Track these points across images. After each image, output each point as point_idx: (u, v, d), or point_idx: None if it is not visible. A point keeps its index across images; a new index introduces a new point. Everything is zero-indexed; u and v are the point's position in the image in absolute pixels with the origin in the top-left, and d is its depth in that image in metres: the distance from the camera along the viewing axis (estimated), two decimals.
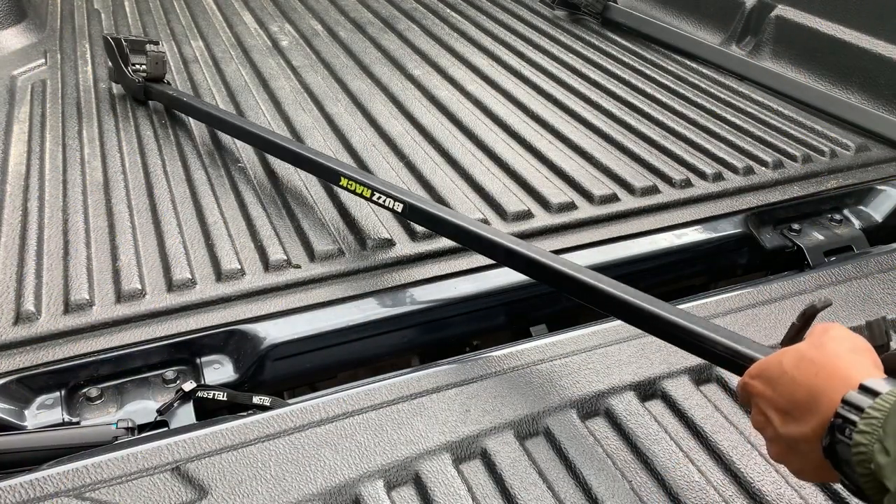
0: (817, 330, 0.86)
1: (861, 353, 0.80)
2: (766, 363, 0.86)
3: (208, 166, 1.78)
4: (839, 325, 0.85)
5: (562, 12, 2.75)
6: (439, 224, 1.38)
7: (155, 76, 2.05)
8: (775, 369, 0.83)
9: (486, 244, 1.31)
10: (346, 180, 1.48)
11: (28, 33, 2.47)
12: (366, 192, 1.45)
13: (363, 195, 1.45)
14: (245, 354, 1.31)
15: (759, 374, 0.86)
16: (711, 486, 1.03)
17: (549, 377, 1.18)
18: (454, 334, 1.46)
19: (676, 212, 1.65)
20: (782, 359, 0.83)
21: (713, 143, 1.89)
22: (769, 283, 1.41)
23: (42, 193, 1.67)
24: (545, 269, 1.22)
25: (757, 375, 0.86)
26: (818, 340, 0.82)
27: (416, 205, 1.40)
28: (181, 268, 1.43)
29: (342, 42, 2.53)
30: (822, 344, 0.81)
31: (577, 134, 1.93)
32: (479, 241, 1.32)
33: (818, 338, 0.83)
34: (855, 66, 2.06)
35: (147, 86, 2.03)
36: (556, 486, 1.03)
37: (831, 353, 0.79)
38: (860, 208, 1.73)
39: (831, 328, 0.84)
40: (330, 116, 2.02)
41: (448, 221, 1.36)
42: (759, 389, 0.85)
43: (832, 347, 0.80)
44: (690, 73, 2.29)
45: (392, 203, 1.41)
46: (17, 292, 1.37)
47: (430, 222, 1.40)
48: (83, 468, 1.02)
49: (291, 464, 1.03)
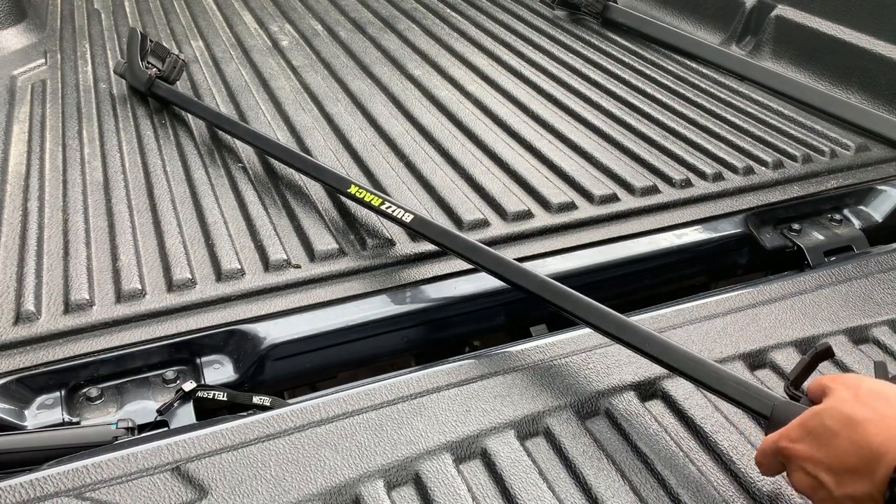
0: (848, 384, 0.86)
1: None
2: (806, 425, 0.86)
3: (208, 166, 1.78)
4: (866, 378, 0.87)
5: (562, 12, 2.75)
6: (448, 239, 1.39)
7: (167, 77, 2.05)
8: (822, 430, 0.83)
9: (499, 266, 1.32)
10: (355, 188, 1.51)
11: (28, 33, 2.47)
12: (375, 200, 1.47)
13: (372, 203, 1.47)
14: (245, 354, 1.31)
15: (803, 437, 0.86)
16: (711, 486, 1.03)
17: (549, 377, 1.18)
18: (454, 334, 1.46)
19: (676, 212, 1.65)
20: (825, 420, 0.83)
21: (713, 143, 1.89)
22: (769, 283, 1.41)
23: (42, 193, 1.67)
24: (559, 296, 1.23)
25: (798, 438, 0.86)
26: (860, 398, 0.83)
27: (425, 218, 1.42)
28: (181, 268, 1.43)
29: (342, 42, 2.53)
30: (866, 402, 0.82)
31: (577, 134, 1.93)
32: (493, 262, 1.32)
33: (857, 394, 0.84)
34: (855, 66, 2.06)
35: (156, 81, 2.02)
36: (556, 486, 1.03)
37: (887, 414, 0.80)
38: (860, 208, 1.73)
39: (862, 382, 0.86)
40: (330, 116, 2.02)
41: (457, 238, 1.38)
42: (805, 453, 0.85)
43: (882, 405, 0.81)
44: (690, 73, 2.29)
45: (401, 213, 1.43)
46: (17, 292, 1.38)
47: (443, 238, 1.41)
48: (83, 468, 1.02)
49: (291, 464, 1.03)
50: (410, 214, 1.43)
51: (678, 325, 1.30)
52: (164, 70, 2.05)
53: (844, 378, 0.89)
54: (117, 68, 2.14)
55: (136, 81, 2.06)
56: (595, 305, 1.19)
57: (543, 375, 1.18)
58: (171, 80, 2.06)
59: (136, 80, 2.06)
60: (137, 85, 2.06)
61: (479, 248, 1.34)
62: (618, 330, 1.15)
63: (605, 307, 1.18)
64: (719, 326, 1.29)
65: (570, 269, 1.49)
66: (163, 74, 2.04)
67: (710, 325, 1.29)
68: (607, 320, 1.17)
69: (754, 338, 1.27)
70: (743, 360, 1.23)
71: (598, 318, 1.18)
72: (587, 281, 1.50)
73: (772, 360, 1.24)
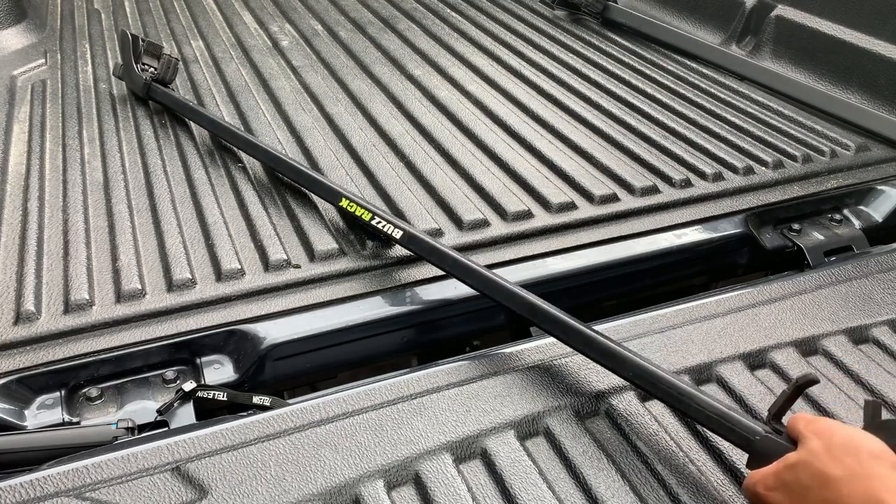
0: (821, 434, 0.86)
1: (883, 463, 0.81)
2: (781, 477, 0.87)
3: (208, 166, 1.78)
4: (839, 427, 0.87)
5: (562, 12, 2.75)
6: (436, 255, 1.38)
7: (163, 79, 2.04)
8: (794, 484, 0.85)
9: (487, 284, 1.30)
10: (346, 201, 1.50)
11: (28, 33, 2.47)
12: (366, 215, 1.46)
13: (363, 217, 1.46)
14: (245, 354, 1.31)
15: (779, 488, 0.87)
16: (711, 486, 1.03)
17: (549, 377, 1.18)
18: (454, 334, 1.46)
19: (676, 212, 1.65)
20: (798, 475, 0.84)
21: (713, 143, 1.89)
22: (769, 283, 1.41)
23: (42, 193, 1.67)
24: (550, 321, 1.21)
25: (774, 488, 0.88)
26: (832, 452, 0.83)
27: (414, 234, 1.41)
28: (181, 268, 1.43)
29: (342, 42, 2.53)
30: (837, 457, 0.82)
31: (577, 134, 1.93)
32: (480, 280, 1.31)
33: (829, 446, 0.83)
34: (855, 66, 2.06)
35: (152, 85, 2.01)
36: (556, 486, 1.03)
37: (858, 473, 0.80)
38: (860, 208, 1.73)
39: (835, 433, 0.85)
40: (330, 116, 2.02)
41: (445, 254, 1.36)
42: (778, 503, 0.87)
43: (855, 463, 0.81)
44: (690, 73, 2.29)
45: (391, 229, 1.42)
46: (17, 292, 1.38)
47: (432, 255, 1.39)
48: (83, 468, 1.02)
49: (291, 464, 1.03)
50: (399, 231, 1.41)
51: (678, 325, 1.30)
52: (158, 71, 2.04)
53: (818, 425, 0.89)
54: (116, 71, 2.14)
55: (134, 86, 2.07)
56: (583, 330, 1.16)
57: (543, 375, 1.18)
58: (168, 81, 2.06)
59: (134, 84, 2.06)
60: (135, 89, 2.06)
61: (469, 268, 1.32)
62: (602, 356, 1.14)
63: (592, 331, 1.16)
64: (719, 326, 1.29)
65: (570, 269, 1.49)
66: (158, 76, 2.04)
67: (710, 325, 1.29)
68: (592, 344, 1.15)
69: (754, 338, 1.27)
70: (743, 360, 1.23)
71: (583, 342, 1.16)
72: (587, 281, 1.50)
73: (772, 360, 1.24)
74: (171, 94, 1.99)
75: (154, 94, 2.02)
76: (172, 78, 2.08)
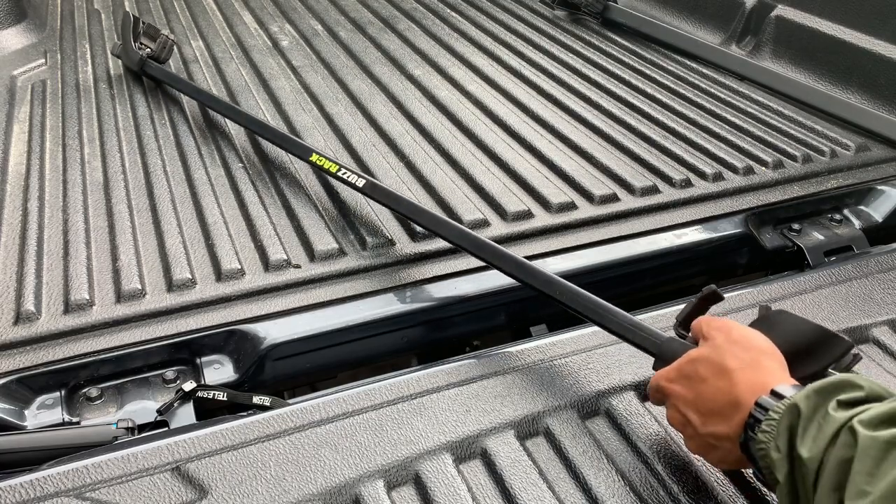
0: (721, 329, 0.96)
1: (772, 358, 0.91)
2: (682, 369, 0.96)
3: (208, 166, 1.78)
4: (736, 325, 0.96)
5: (562, 12, 2.75)
6: (399, 204, 1.50)
7: (158, 57, 2.15)
8: (694, 375, 0.94)
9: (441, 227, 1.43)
10: (316, 156, 1.62)
11: (28, 33, 2.47)
12: (333, 167, 1.59)
13: (330, 170, 1.59)
14: (245, 354, 1.31)
15: (677, 379, 0.96)
16: (711, 486, 1.02)
17: (549, 377, 1.18)
18: (454, 334, 1.46)
19: (676, 212, 1.65)
20: (698, 367, 0.93)
21: (713, 143, 1.89)
22: (769, 283, 1.41)
23: (42, 193, 1.67)
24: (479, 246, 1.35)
25: (675, 380, 0.97)
26: (732, 349, 0.92)
27: (377, 183, 1.53)
28: (181, 268, 1.43)
29: (342, 42, 2.53)
30: (734, 352, 0.91)
31: (577, 134, 1.93)
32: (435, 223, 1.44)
33: (731, 345, 0.92)
34: (855, 66, 2.06)
35: (147, 61, 2.12)
36: (556, 486, 1.03)
37: (750, 362, 0.90)
38: (860, 208, 1.73)
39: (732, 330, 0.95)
40: (330, 116, 2.02)
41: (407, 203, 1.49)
42: (678, 393, 0.96)
43: (749, 357, 0.90)
44: (690, 73, 2.29)
45: (355, 179, 1.54)
46: (17, 292, 1.38)
47: (389, 200, 1.52)
48: (83, 468, 1.02)
49: (291, 464, 1.03)
50: (363, 180, 1.53)
51: None
52: (154, 50, 2.15)
53: (718, 323, 0.98)
54: (114, 50, 2.25)
55: (130, 62, 2.17)
56: (505, 252, 1.30)
57: (543, 375, 1.18)
58: (162, 60, 2.16)
59: (130, 60, 2.17)
60: (131, 65, 2.17)
61: (419, 209, 1.46)
62: (521, 272, 1.27)
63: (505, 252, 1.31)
64: None
65: (570, 269, 1.49)
66: (154, 54, 2.15)
67: None
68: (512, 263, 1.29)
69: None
70: None
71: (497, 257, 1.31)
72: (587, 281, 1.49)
73: None
74: (163, 69, 2.11)
75: (148, 68, 2.12)
76: (167, 57, 2.19)
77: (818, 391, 0.81)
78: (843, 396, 0.79)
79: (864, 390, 0.80)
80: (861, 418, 0.75)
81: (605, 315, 1.14)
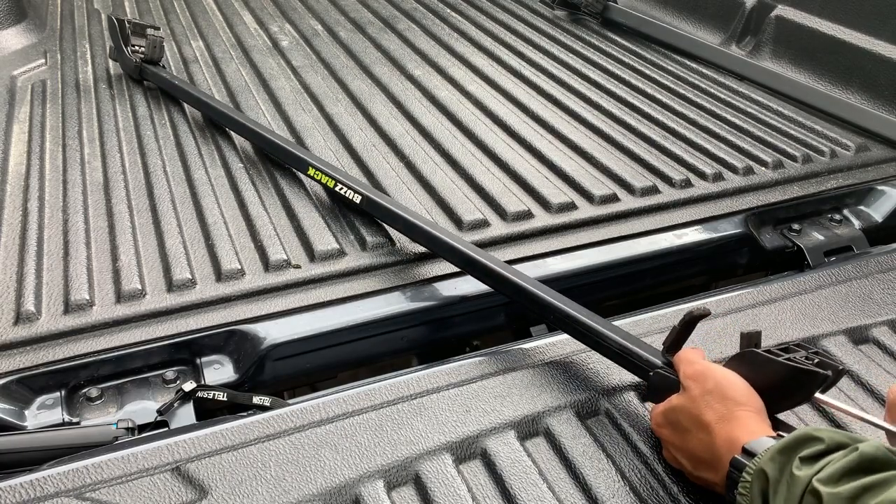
0: (701, 383, 0.97)
1: (746, 406, 0.94)
2: (667, 416, 1.01)
3: (208, 166, 1.78)
4: (712, 370, 0.98)
5: (562, 12, 2.75)
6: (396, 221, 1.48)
7: (152, 58, 2.16)
8: (677, 424, 0.99)
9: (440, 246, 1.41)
10: (312, 170, 1.62)
11: (28, 33, 2.48)
12: (329, 182, 1.58)
13: (327, 185, 1.59)
14: (245, 354, 1.31)
15: (665, 424, 1.02)
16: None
17: (549, 377, 1.18)
18: (454, 334, 1.46)
19: (676, 212, 1.65)
20: (679, 416, 0.98)
21: (713, 143, 1.89)
22: (769, 283, 1.41)
23: (42, 193, 1.67)
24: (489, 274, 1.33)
25: (663, 424, 1.02)
26: (707, 399, 0.95)
27: (373, 198, 1.52)
28: (181, 268, 1.43)
29: (342, 42, 2.53)
30: (710, 405, 0.95)
31: (577, 134, 1.93)
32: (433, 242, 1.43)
33: (706, 396, 0.96)
34: (855, 66, 2.06)
35: (143, 66, 2.13)
36: (556, 486, 1.03)
37: (725, 414, 0.93)
38: (860, 208, 1.73)
39: (708, 379, 0.97)
40: (330, 116, 2.02)
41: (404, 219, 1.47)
42: (668, 438, 1.01)
43: (724, 409, 0.94)
44: (690, 73, 2.29)
45: (351, 195, 1.53)
46: (17, 292, 1.38)
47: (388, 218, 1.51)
48: (83, 468, 1.02)
49: (291, 464, 1.03)
50: (359, 195, 1.52)
51: None
52: (146, 52, 2.16)
53: (695, 369, 1.00)
54: (111, 53, 2.26)
55: (127, 69, 2.19)
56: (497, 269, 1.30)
57: (543, 375, 1.18)
58: (156, 59, 2.17)
59: (127, 67, 2.19)
60: (129, 72, 2.18)
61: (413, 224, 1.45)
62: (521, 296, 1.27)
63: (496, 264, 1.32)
64: (719, 327, 1.29)
65: (570, 269, 1.49)
66: (147, 57, 2.15)
67: (710, 325, 1.29)
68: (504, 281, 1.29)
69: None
70: None
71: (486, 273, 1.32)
72: (587, 281, 1.50)
73: None
74: (161, 75, 2.10)
75: (146, 75, 2.13)
76: (160, 56, 2.18)
77: (781, 451, 0.84)
78: (805, 452, 0.82)
79: (824, 442, 0.82)
80: (820, 477, 0.78)
81: (594, 336, 1.16)
